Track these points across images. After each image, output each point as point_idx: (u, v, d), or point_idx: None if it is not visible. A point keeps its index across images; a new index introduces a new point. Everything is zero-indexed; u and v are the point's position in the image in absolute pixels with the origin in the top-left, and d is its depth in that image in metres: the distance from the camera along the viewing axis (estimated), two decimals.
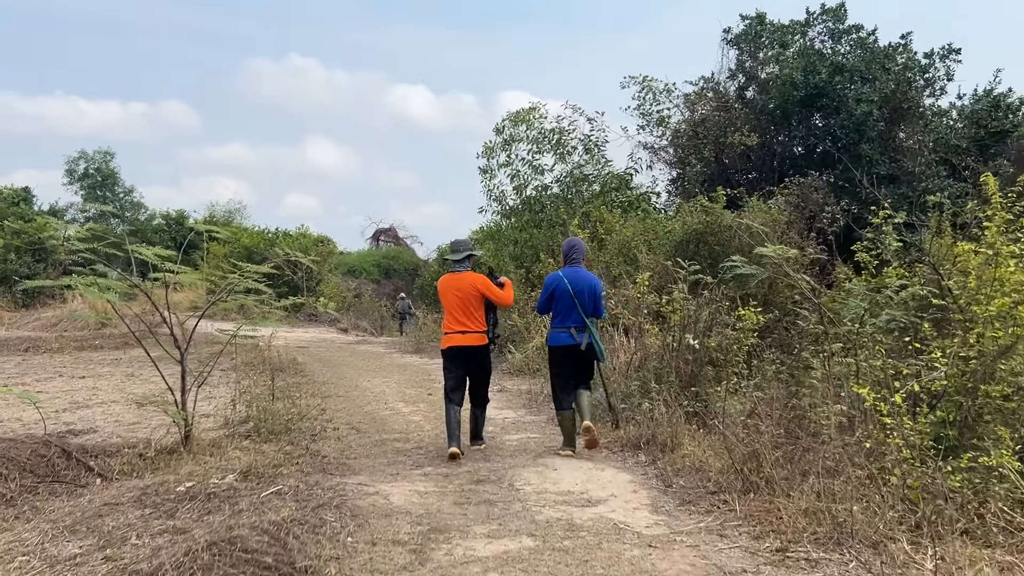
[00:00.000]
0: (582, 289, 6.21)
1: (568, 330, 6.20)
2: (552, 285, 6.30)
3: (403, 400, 9.43)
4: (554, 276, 6.38)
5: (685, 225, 11.72)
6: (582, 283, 6.24)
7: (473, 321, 6.30)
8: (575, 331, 6.18)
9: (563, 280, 6.24)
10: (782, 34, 17.46)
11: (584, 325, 6.18)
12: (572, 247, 6.47)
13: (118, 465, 5.54)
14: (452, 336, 6.33)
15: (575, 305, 6.18)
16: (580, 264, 6.42)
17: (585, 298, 6.21)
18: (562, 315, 6.24)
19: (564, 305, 6.21)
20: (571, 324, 6.20)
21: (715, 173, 16.94)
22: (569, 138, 16.40)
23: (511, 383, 10.79)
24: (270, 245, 26.36)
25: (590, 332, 6.18)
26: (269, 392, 9.96)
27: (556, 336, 6.27)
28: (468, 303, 6.28)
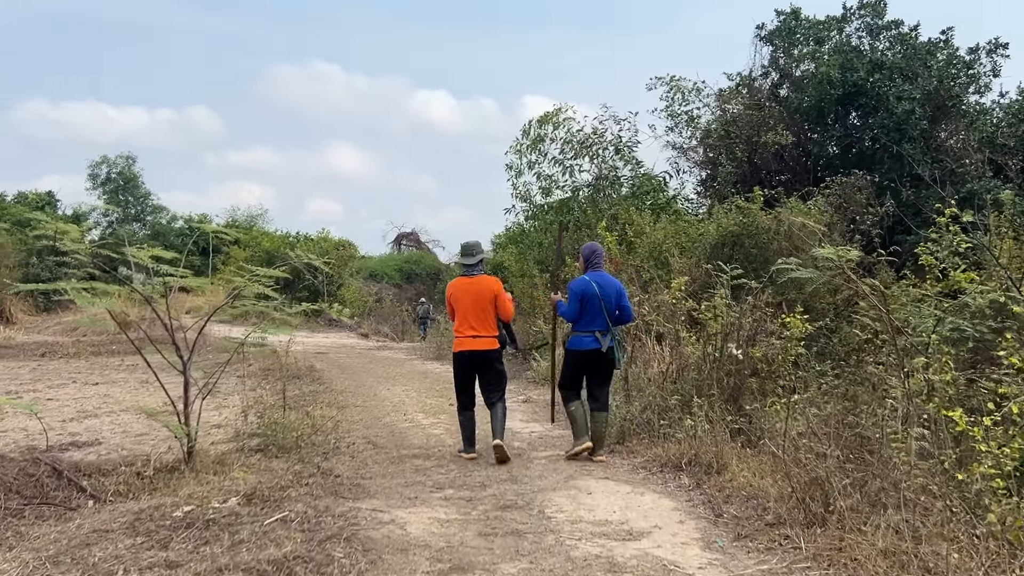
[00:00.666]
0: (609, 293, 6.16)
1: (592, 334, 6.14)
2: (580, 290, 6.17)
3: (423, 411, 8.93)
4: (581, 281, 6.24)
5: (720, 227, 11.12)
6: (608, 287, 6.20)
7: (486, 326, 6.22)
8: (600, 335, 6.12)
9: (591, 284, 6.16)
10: (818, 30, 16.79)
11: (608, 329, 6.14)
12: (593, 251, 6.41)
13: (113, 485, 5.08)
14: (464, 340, 6.23)
15: (602, 309, 6.12)
16: (603, 268, 6.40)
17: (612, 302, 6.16)
18: (588, 319, 6.15)
19: (591, 309, 6.13)
20: (596, 328, 6.13)
21: (747, 174, 16.29)
22: (601, 140, 15.85)
23: (537, 393, 10.26)
24: (290, 249, 26.09)
25: (612, 336, 6.15)
26: (281, 402, 9.53)
27: (580, 340, 6.21)
28: (483, 307, 6.20)
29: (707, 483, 5.32)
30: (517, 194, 16.77)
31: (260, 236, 28.86)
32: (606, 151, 15.88)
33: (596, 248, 6.48)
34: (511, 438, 7.12)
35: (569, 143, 15.68)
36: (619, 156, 15.83)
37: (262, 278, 6.00)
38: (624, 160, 15.83)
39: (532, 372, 11.54)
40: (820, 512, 4.26)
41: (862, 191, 12.04)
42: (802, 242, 10.95)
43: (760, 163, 16.65)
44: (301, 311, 6.45)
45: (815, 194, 12.25)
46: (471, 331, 6.19)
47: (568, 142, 15.48)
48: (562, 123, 15.98)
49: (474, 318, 6.18)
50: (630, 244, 12.66)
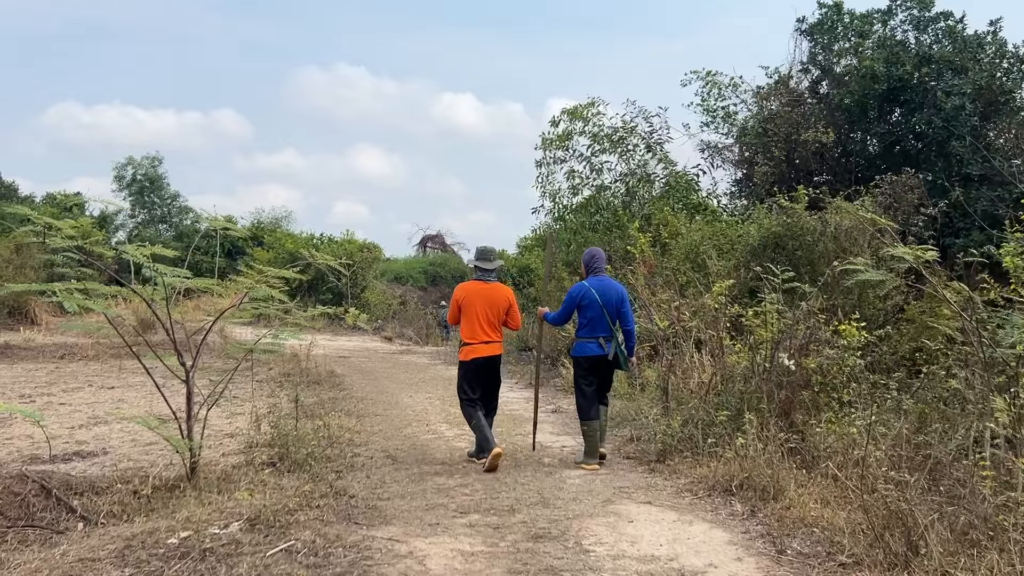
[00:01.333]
0: (610, 298, 6.14)
1: (597, 340, 6.13)
2: (579, 296, 6.19)
3: (447, 421, 8.43)
4: (580, 286, 6.25)
5: (762, 228, 10.50)
6: (609, 292, 6.17)
7: (497, 331, 6.28)
8: (603, 341, 6.12)
9: (590, 290, 6.15)
10: (861, 23, 16.07)
11: (612, 335, 6.13)
12: (593, 257, 6.40)
13: (106, 505, 4.63)
14: (479, 347, 6.20)
15: (603, 315, 6.10)
16: (603, 273, 6.37)
17: (613, 307, 6.14)
18: (590, 325, 6.14)
19: (593, 315, 6.12)
20: (600, 334, 6.12)
21: (785, 173, 15.62)
22: (630, 136, 15.30)
23: (567, 402, 9.71)
24: (315, 250, 25.81)
25: (615, 342, 6.13)
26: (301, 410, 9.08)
27: (584, 347, 6.20)
28: (497, 314, 6.24)
29: (763, 511, 4.75)
30: (544, 192, 16.26)
31: (284, 238, 28.58)
32: (636, 148, 15.31)
33: (597, 253, 6.44)
34: (541, 453, 6.59)
35: (597, 138, 15.13)
36: (650, 153, 15.25)
37: (270, 279, 5.52)
38: (655, 156, 15.24)
39: (561, 379, 10.99)
40: (903, 552, 3.68)
41: (913, 191, 11.34)
42: (851, 244, 10.31)
43: (799, 162, 15.97)
44: (316, 314, 5.97)
45: (861, 194, 11.57)
46: (485, 336, 6.17)
47: (596, 137, 14.93)
48: (592, 118, 15.44)
49: (487, 324, 6.18)
50: (664, 246, 12.09)
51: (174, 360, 5.40)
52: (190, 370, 5.29)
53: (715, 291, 7.68)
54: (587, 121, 15.66)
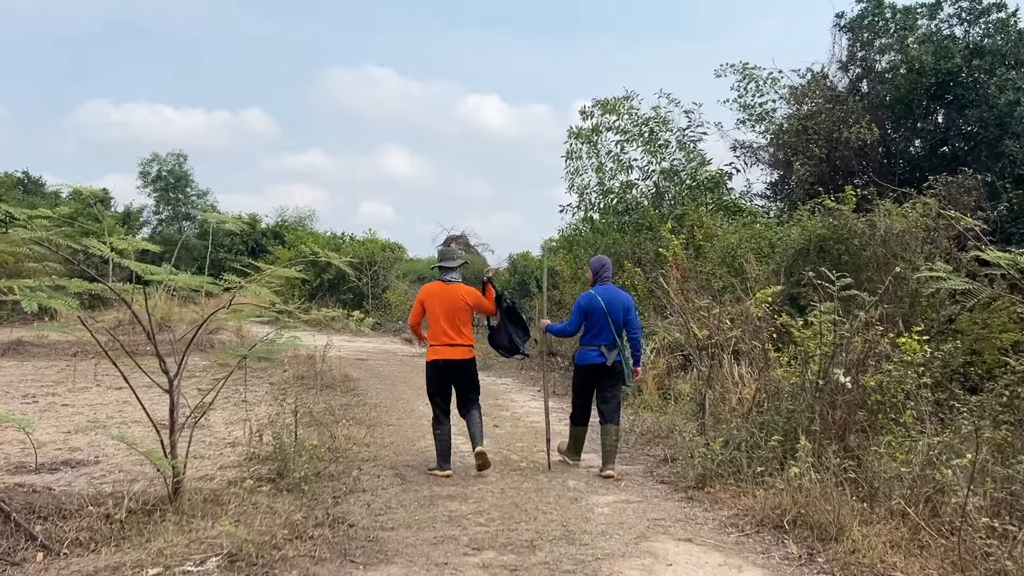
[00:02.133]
0: (616, 307, 6.10)
1: (598, 348, 6.08)
2: (585, 303, 6.14)
3: (463, 433, 7.82)
4: (588, 295, 6.19)
5: (805, 230, 9.78)
6: (615, 301, 6.12)
7: (461, 334, 6.09)
8: (605, 349, 6.07)
9: (596, 298, 6.10)
10: (905, 18, 15.26)
11: (615, 343, 6.07)
12: (603, 266, 6.37)
13: (72, 532, 4.09)
14: (440, 349, 6.05)
15: (608, 323, 6.05)
16: (610, 282, 6.33)
17: (618, 316, 6.09)
18: (594, 333, 6.10)
19: (597, 323, 6.07)
20: (602, 342, 6.07)
21: (824, 174, 14.85)
22: (663, 131, 14.59)
23: (593, 413, 9.07)
24: (336, 249, 25.36)
25: (620, 351, 6.08)
26: (306, 419, 8.55)
27: (584, 355, 6.15)
28: (456, 316, 6.07)
29: (823, 554, 4.10)
30: (573, 186, 15.58)
31: (305, 236, 28.21)
32: (668, 144, 14.61)
33: (605, 262, 6.41)
34: (564, 475, 5.98)
35: (628, 133, 14.45)
36: (683, 151, 14.54)
37: (268, 277, 4.98)
38: (687, 153, 14.53)
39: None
40: None
41: (970, 192, 10.55)
42: (902, 249, 9.57)
43: (839, 163, 15.17)
44: (322, 316, 5.41)
45: (911, 196, 10.81)
46: (447, 339, 6.02)
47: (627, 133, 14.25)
48: (625, 112, 14.73)
49: (449, 326, 6.03)
50: (698, 248, 11.41)
51: (173, 365, 4.86)
52: (174, 378, 4.74)
53: (758, 298, 7.02)
54: (620, 115, 14.96)
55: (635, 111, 14.86)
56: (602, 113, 15.20)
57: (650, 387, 9.31)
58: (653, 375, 9.41)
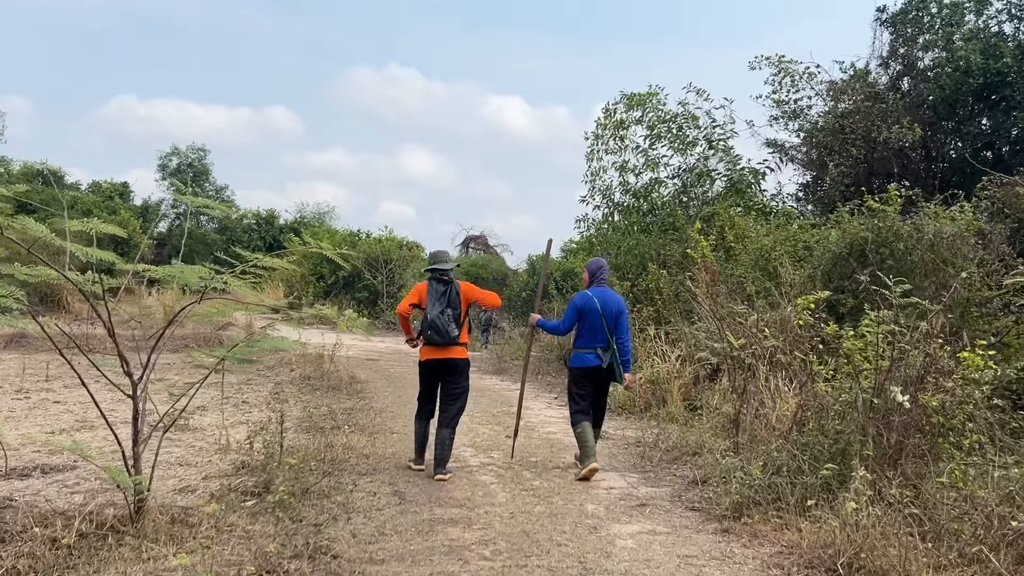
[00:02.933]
0: (610, 309, 6.08)
1: (594, 350, 6.06)
2: (581, 304, 6.12)
3: (473, 444, 7.23)
4: (583, 295, 6.17)
5: (846, 233, 9.08)
6: (610, 303, 6.11)
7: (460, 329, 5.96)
8: (600, 351, 6.04)
9: (592, 299, 6.08)
10: (951, 13, 14.47)
11: (608, 345, 6.05)
12: (600, 267, 6.33)
13: (11, 559, 3.53)
14: (431, 349, 5.99)
15: (603, 325, 6.03)
16: (606, 284, 6.30)
17: (612, 318, 6.06)
18: (588, 335, 6.08)
19: (592, 325, 6.05)
20: (597, 344, 6.05)
21: (860, 176, 14.09)
22: (691, 127, 13.91)
23: (613, 425, 8.43)
24: (351, 247, 24.88)
25: (613, 352, 6.05)
26: (306, 423, 7.99)
27: (581, 356, 6.13)
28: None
29: None
30: (594, 188, 14.94)
31: (321, 232, 27.78)
32: (696, 141, 13.91)
33: (602, 264, 6.38)
34: (583, 499, 5.35)
35: (655, 129, 13.77)
36: (711, 149, 13.84)
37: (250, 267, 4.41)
38: (716, 152, 13.82)
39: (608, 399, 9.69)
40: None
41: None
42: (952, 254, 8.83)
43: (876, 164, 14.40)
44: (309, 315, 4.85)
45: (959, 198, 10.06)
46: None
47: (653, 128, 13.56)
48: (651, 107, 14.06)
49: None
50: (728, 250, 10.73)
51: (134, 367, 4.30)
52: (139, 380, 4.18)
53: (799, 305, 6.35)
54: (646, 110, 14.28)
55: (662, 107, 14.18)
56: (626, 109, 14.54)
57: (675, 398, 8.66)
58: (679, 385, 8.76)
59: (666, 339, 9.78)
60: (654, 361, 9.35)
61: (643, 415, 8.83)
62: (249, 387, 11.60)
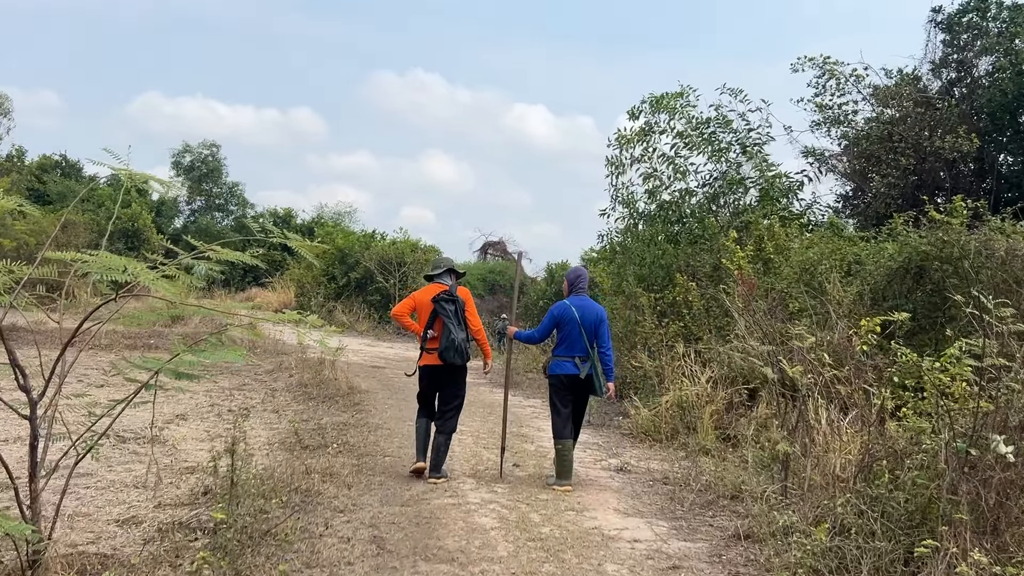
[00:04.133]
0: (590, 319, 6.00)
1: (573, 359, 5.98)
2: (558, 313, 6.07)
3: (474, 475, 6.29)
4: (562, 304, 6.12)
5: (905, 247, 8.07)
6: (589, 313, 6.04)
7: None
8: (579, 360, 5.96)
9: (571, 308, 6.02)
10: (1013, 14, 13.41)
11: (588, 355, 5.97)
12: (579, 276, 6.32)
13: None
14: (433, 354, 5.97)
15: (581, 334, 5.96)
16: (586, 293, 6.24)
17: (591, 328, 5.99)
18: (567, 344, 6.01)
19: (571, 334, 5.99)
20: (576, 354, 5.97)
21: (906, 189, 13.05)
22: (725, 132, 12.91)
23: (636, 455, 7.47)
24: (364, 248, 24.10)
25: (592, 363, 5.97)
26: (290, 439, 7.11)
27: (559, 365, 6.04)
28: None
29: None
30: (617, 196, 13.97)
31: (335, 232, 27.03)
32: (730, 147, 12.90)
33: (581, 273, 6.39)
34: (602, 556, 4.39)
35: (684, 135, 12.78)
36: (745, 155, 12.83)
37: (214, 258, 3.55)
38: (751, 158, 12.79)
39: (629, 421, 8.73)
40: None
41: None
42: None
43: (925, 176, 13.35)
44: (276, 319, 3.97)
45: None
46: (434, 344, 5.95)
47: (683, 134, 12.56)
48: (680, 110, 13.09)
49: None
50: (767, 262, 9.74)
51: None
52: (39, 398, 3.31)
53: (864, 328, 5.36)
54: (674, 113, 13.29)
55: (692, 110, 13.16)
56: (653, 112, 13.53)
57: (706, 426, 7.68)
58: (711, 411, 7.78)
59: (696, 358, 8.80)
60: (682, 383, 8.38)
61: (669, 443, 7.87)
62: (241, 392, 10.77)
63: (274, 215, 38.71)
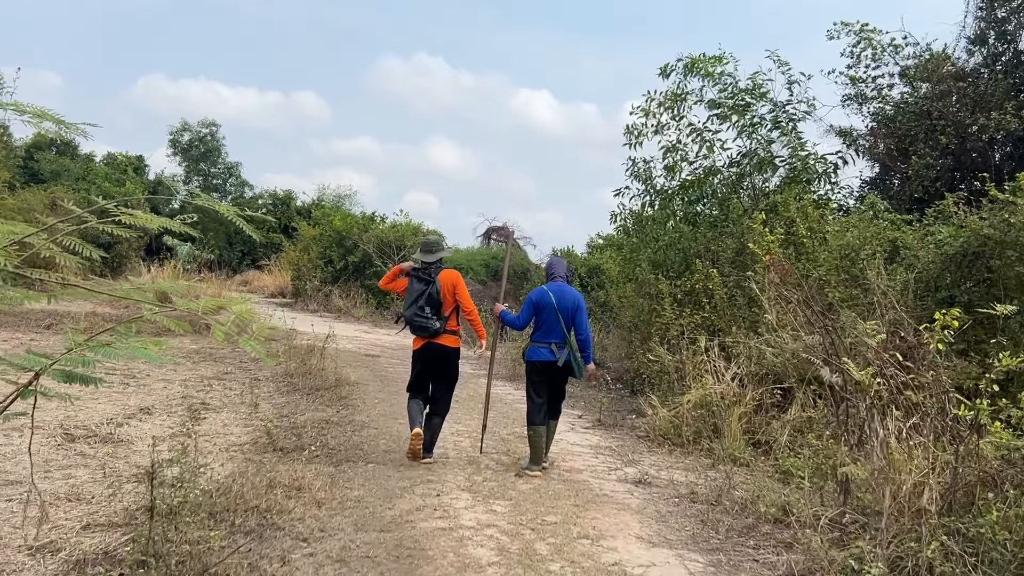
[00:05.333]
0: (567, 305, 6.02)
1: (548, 345, 5.97)
2: (536, 299, 6.06)
3: (469, 488, 5.39)
4: (539, 290, 6.12)
5: (962, 231, 7.13)
6: (567, 299, 6.04)
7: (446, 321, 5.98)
8: (555, 347, 5.96)
9: (548, 294, 6.02)
10: None
11: (565, 341, 5.97)
12: (556, 264, 6.34)
13: None
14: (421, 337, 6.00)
15: (559, 321, 5.96)
16: (563, 281, 6.22)
17: (568, 314, 6.00)
18: (544, 330, 6.01)
19: (548, 320, 5.99)
20: (553, 340, 5.98)
21: (944, 171, 12.07)
22: (759, 104, 11.68)
23: (655, 462, 6.58)
24: (364, 230, 23.17)
25: (570, 349, 5.97)
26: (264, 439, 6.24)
27: (535, 351, 6.04)
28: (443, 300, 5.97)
29: None
30: (634, 171, 12.80)
31: (332, 213, 26.05)
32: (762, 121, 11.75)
33: (559, 261, 6.40)
34: None
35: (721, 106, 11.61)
36: (777, 131, 11.71)
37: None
38: (785, 135, 11.64)
39: (645, 421, 7.83)
40: None
41: None
42: None
43: (964, 157, 12.35)
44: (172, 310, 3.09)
45: None
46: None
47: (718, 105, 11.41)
48: (718, 76, 11.77)
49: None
50: (799, 247, 8.79)
51: None
52: None
53: (937, 327, 4.44)
54: (709, 79, 11.95)
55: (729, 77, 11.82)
56: (686, 74, 12.16)
57: (734, 430, 6.79)
58: (739, 414, 6.88)
59: (720, 353, 7.89)
60: (705, 380, 7.47)
61: (691, 449, 6.98)
62: (221, 383, 9.89)
63: (273, 196, 37.79)
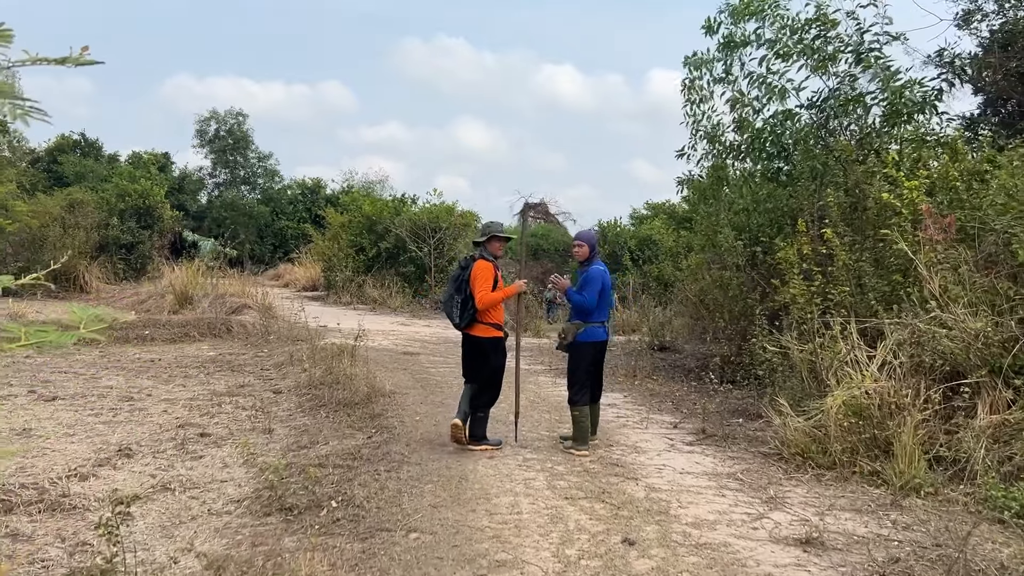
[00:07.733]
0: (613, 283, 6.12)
1: (604, 324, 5.96)
2: (605, 279, 5.92)
3: (558, 560, 3.65)
4: (603, 270, 5.97)
5: None
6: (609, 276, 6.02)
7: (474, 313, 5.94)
8: (606, 324, 5.98)
9: (607, 273, 6.00)
10: None
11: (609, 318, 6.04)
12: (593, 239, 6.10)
13: None
14: None
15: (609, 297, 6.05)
16: None
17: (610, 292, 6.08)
18: (603, 309, 5.92)
19: (605, 298, 5.93)
20: (605, 319, 5.96)
21: None
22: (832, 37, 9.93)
23: (806, 499, 4.76)
24: (395, 214, 21.51)
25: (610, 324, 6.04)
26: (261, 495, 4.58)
27: (595, 331, 5.90)
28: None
29: None
30: (697, 131, 11.07)
31: (361, 199, 24.42)
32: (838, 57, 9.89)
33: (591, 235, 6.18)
34: None
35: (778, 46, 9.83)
36: (860, 63, 9.77)
37: None
38: (868, 67, 9.73)
39: (772, 434, 5.99)
40: None
41: None
42: None
43: None
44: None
45: None
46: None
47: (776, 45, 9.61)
48: (772, 13, 10.17)
49: None
50: (951, 192, 6.82)
51: None
52: None
53: None
54: (764, 19, 10.30)
55: (785, 12, 10.17)
56: (736, 21, 10.56)
57: (909, 443, 4.93)
58: (915, 424, 5.01)
59: (859, 338, 5.99)
60: (849, 377, 5.60)
61: (845, 471, 5.14)
62: (232, 400, 8.28)
63: (302, 185, 36.44)
